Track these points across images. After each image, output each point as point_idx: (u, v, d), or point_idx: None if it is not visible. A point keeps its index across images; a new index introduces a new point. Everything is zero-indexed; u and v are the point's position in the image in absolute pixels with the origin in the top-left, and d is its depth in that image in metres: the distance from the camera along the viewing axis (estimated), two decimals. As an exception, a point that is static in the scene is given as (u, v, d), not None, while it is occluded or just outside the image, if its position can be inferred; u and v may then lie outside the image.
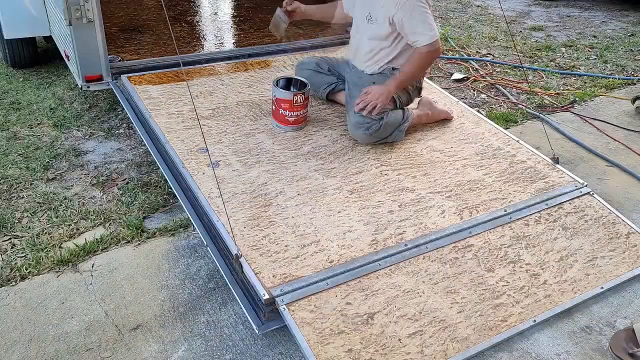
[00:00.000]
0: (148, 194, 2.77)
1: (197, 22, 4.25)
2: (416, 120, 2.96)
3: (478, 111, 3.43)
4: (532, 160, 2.80)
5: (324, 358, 1.75)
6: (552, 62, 4.96)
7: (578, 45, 5.45)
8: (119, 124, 3.48)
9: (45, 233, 2.48)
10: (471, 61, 4.84)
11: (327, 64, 3.10)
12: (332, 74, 3.09)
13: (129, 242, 2.44)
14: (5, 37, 3.94)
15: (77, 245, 2.39)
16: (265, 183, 2.45)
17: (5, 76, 4.11)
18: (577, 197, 2.58)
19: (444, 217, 2.35)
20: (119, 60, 3.33)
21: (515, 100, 4.09)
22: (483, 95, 4.18)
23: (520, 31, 5.89)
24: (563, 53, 5.22)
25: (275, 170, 2.54)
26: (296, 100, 2.74)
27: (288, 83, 2.88)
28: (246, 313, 1.92)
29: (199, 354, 1.92)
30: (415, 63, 2.69)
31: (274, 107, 2.81)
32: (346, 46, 3.88)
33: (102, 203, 2.70)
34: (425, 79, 3.55)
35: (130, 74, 3.24)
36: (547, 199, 2.53)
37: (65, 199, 2.72)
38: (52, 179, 2.89)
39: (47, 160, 3.03)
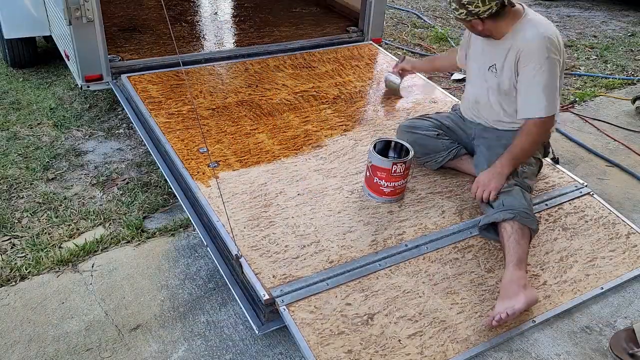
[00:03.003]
0: (148, 194, 2.77)
1: (197, 21, 4.25)
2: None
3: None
4: (532, 160, 2.80)
5: (323, 359, 1.75)
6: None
7: (578, 45, 5.45)
8: (119, 124, 3.48)
9: (45, 233, 2.48)
10: (471, 61, 4.83)
11: (441, 124, 2.60)
12: (450, 137, 2.58)
13: (129, 242, 2.44)
14: (5, 37, 3.94)
15: (77, 245, 2.39)
16: (265, 183, 2.45)
17: (5, 76, 4.10)
18: (577, 197, 2.58)
19: (444, 217, 2.35)
20: (119, 60, 3.32)
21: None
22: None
23: (520, 31, 5.88)
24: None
25: (275, 170, 2.54)
26: (395, 170, 2.31)
27: (387, 147, 2.49)
28: (246, 314, 1.92)
29: (199, 354, 1.92)
30: (525, 137, 2.27)
31: (368, 174, 2.39)
32: (345, 46, 3.90)
33: (102, 203, 2.70)
34: (425, 78, 3.56)
35: (130, 74, 3.24)
36: (547, 200, 2.53)
37: (65, 199, 2.72)
38: (52, 179, 2.89)
39: (47, 160, 3.03)
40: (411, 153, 2.37)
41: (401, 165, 2.32)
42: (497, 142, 2.39)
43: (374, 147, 2.38)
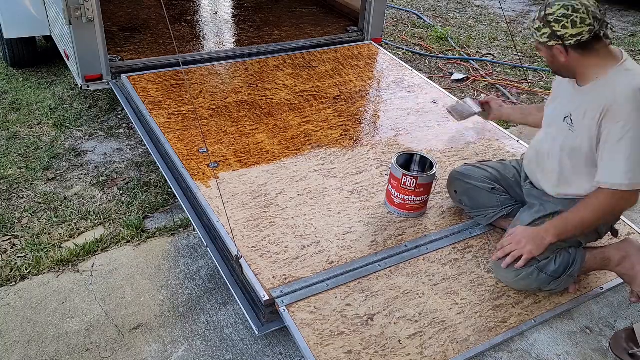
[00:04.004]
0: (148, 194, 2.77)
1: (197, 21, 4.25)
2: (597, 262, 2.05)
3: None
4: (532, 160, 2.80)
5: (324, 359, 1.75)
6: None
7: (578, 45, 5.45)
8: (119, 124, 3.48)
9: (45, 233, 2.48)
10: (471, 61, 4.84)
11: (500, 177, 2.25)
12: (508, 193, 2.23)
13: (129, 242, 2.44)
14: (5, 37, 3.94)
15: (77, 245, 2.39)
16: (265, 183, 2.45)
17: (5, 76, 4.10)
18: (577, 197, 2.58)
19: (444, 218, 2.35)
20: (119, 60, 3.32)
21: (515, 101, 4.09)
22: (483, 95, 4.18)
23: (520, 31, 5.89)
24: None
25: (275, 171, 2.54)
26: (404, 183, 2.22)
27: (422, 161, 2.37)
28: (246, 314, 1.92)
29: (199, 354, 1.92)
30: (592, 207, 1.87)
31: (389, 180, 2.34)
32: (345, 46, 3.89)
33: (102, 203, 2.70)
34: (425, 78, 3.56)
35: (130, 74, 3.24)
36: (547, 200, 2.53)
37: (65, 199, 2.72)
38: (52, 179, 2.89)
39: (47, 160, 3.03)
40: (433, 171, 2.25)
41: (411, 179, 2.21)
42: (536, 205, 2.06)
43: (399, 158, 2.31)
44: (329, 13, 4.56)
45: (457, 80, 4.42)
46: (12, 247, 2.39)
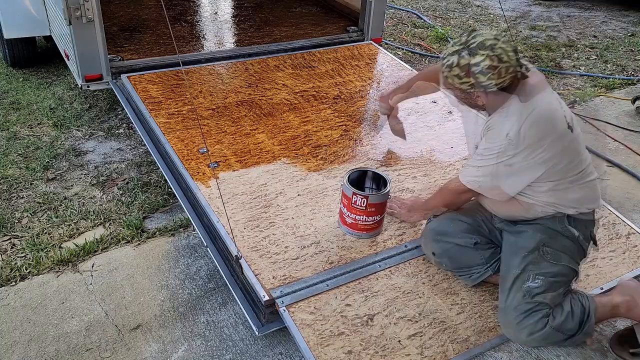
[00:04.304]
0: (148, 194, 2.77)
1: (197, 21, 4.25)
2: (606, 312, 1.95)
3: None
4: (532, 160, 2.80)
5: (324, 359, 1.75)
6: (552, 62, 4.95)
7: (578, 45, 5.45)
8: (119, 124, 3.48)
9: (45, 233, 2.48)
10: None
11: (479, 225, 2.05)
12: (492, 242, 2.05)
13: (129, 242, 2.44)
14: (5, 37, 3.94)
15: (77, 245, 2.39)
16: (265, 184, 2.45)
17: (5, 76, 4.10)
18: (577, 197, 2.57)
19: (444, 217, 2.35)
20: (119, 60, 3.32)
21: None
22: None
23: (520, 31, 5.88)
24: (563, 53, 5.22)
25: (275, 171, 2.54)
26: (355, 202, 2.09)
27: (365, 177, 2.26)
28: (246, 314, 1.92)
29: (199, 354, 1.92)
30: (441, 192, 2.09)
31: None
32: (345, 46, 3.89)
33: (102, 203, 2.70)
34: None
35: (130, 74, 3.24)
36: (547, 200, 2.52)
37: (65, 199, 2.72)
38: (52, 179, 2.89)
39: (47, 160, 3.03)
40: (385, 190, 2.13)
41: (362, 199, 2.06)
42: (512, 242, 1.95)
43: (351, 175, 2.17)
44: (329, 13, 4.56)
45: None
46: (12, 247, 2.39)
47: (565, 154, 1.81)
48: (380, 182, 2.23)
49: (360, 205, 2.09)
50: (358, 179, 2.24)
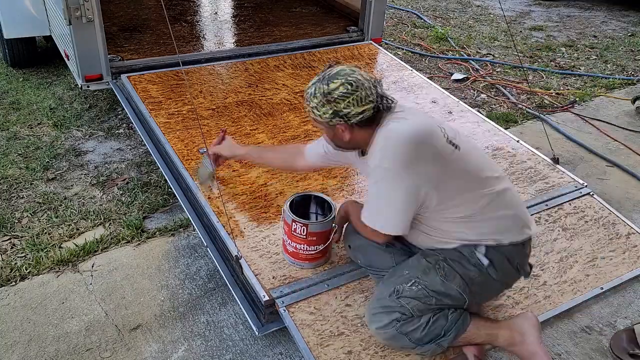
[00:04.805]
0: (148, 194, 2.77)
1: (197, 21, 4.25)
2: (477, 337, 1.83)
3: (478, 111, 3.42)
4: (532, 160, 2.80)
5: None
6: (552, 62, 4.95)
7: (578, 45, 5.45)
8: (119, 124, 3.48)
9: (45, 233, 2.48)
10: (471, 61, 4.84)
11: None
12: (410, 249, 1.94)
13: (129, 242, 2.44)
14: (5, 37, 3.94)
15: (77, 245, 2.39)
16: (266, 184, 2.45)
17: (5, 76, 4.11)
18: (577, 197, 2.58)
19: (444, 217, 2.35)
20: (119, 60, 3.32)
21: (515, 101, 4.09)
22: (483, 96, 4.18)
23: (520, 31, 5.89)
24: (563, 53, 5.22)
25: (275, 171, 2.53)
26: (295, 229, 1.94)
27: (307, 202, 2.10)
28: (246, 315, 1.92)
29: (199, 354, 1.92)
30: (356, 220, 1.87)
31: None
32: (345, 46, 3.89)
33: (102, 203, 2.70)
34: (425, 78, 3.56)
35: (130, 74, 3.24)
36: (547, 200, 2.53)
37: (65, 199, 2.72)
38: (52, 179, 2.89)
39: (47, 160, 3.03)
40: (329, 217, 1.96)
41: (302, 227, 1.91)
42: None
43: (295, 200, 2.03)
44: (329, 13, 4.56)
45: (457, 80, 4.42)
46: (12, 247, 2.39)
47: (452, 174, 1.69)
48: (325, 206, 2.05)
49: (301, 234, 1.93)
50: (304, 203, 2.07)
